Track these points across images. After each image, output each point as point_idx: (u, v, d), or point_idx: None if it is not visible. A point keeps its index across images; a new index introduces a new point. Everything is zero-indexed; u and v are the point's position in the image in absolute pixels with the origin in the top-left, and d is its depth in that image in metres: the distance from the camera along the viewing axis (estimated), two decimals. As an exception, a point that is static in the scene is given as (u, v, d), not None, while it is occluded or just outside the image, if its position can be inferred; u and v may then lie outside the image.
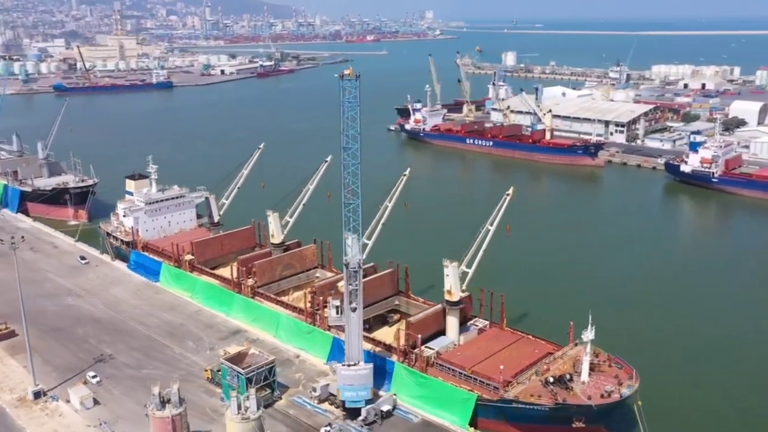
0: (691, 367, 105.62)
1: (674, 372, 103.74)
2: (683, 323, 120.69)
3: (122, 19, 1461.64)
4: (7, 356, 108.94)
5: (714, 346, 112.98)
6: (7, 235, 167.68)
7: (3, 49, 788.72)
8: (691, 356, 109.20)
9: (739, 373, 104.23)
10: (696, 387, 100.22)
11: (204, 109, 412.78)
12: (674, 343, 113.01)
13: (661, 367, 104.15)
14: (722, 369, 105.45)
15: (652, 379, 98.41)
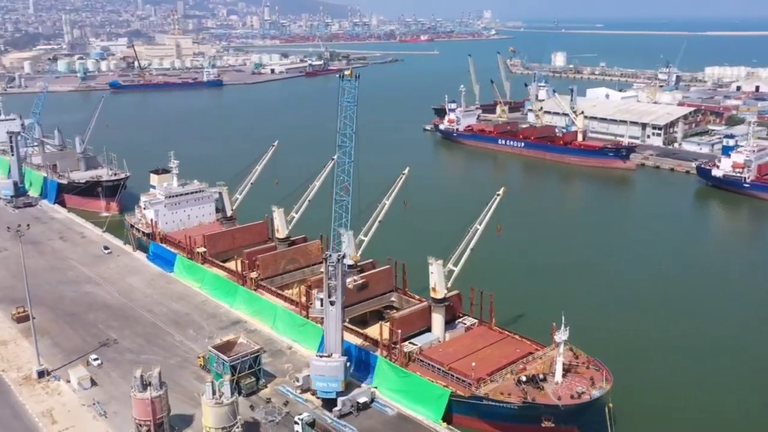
0: (679, 373, 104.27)
1: (658, 377, 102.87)
2: (683, 328, 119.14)
3: (185, 18, 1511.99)
4: (21, 337, 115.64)
5: (709, 351, 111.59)
6: (42, 224, 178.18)
7: (69, 47, 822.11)
8: (682, 361, 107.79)
9: (727, 378, 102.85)
10: (678, 392, 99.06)
11: (248, 107, 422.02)
12: (667, 348, 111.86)
13: (647, 371, 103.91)
14: (712, 374, 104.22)
15: (635, 383, 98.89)
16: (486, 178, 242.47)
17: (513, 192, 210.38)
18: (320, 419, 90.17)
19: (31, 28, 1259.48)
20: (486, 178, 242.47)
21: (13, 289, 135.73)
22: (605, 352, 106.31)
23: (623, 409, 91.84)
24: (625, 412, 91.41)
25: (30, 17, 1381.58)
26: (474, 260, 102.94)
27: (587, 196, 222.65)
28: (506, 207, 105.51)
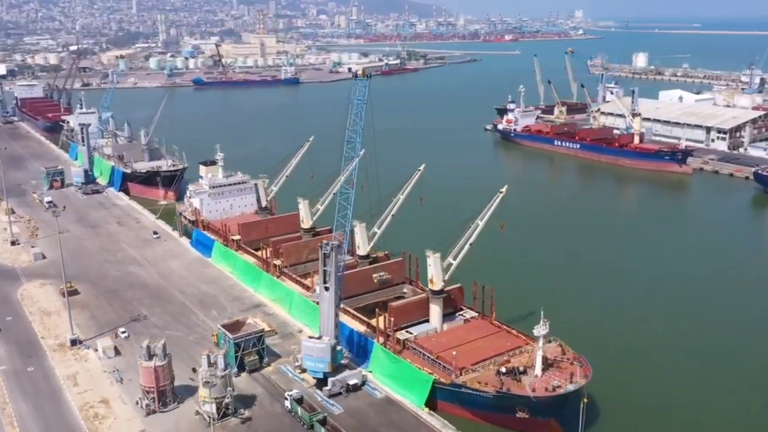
0: (669, 375, 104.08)
1: (648, 377, 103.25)
2: (686, 330, 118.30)
3: (276, 18, 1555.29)
4: (64, 310, 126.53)
5: (706, 354, 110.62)
6: (104, 209, 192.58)
7: (163, 45, 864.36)
8: (675, 364, 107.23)
9: (720, 381, 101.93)
10: (663, 393, 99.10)
11: (319, 104, 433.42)
12: (663, 350, 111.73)
13: (637, 370, 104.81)
14: (703, 377, 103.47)
15: (623, 381, 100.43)
16: (535, 178, 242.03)
17: (557, 193, 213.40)
18: (310, 397, 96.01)
19: (133, 27, 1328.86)
20: (535, 178, 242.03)
21: (67, 266, 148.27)
22: (602, 351, 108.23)
23: (603, 405, 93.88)
24: (604, 407, 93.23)
25: (132, 17, 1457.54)
26: (499, 256, 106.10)
27: (634, 199, 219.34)
28: (546, 207, 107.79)
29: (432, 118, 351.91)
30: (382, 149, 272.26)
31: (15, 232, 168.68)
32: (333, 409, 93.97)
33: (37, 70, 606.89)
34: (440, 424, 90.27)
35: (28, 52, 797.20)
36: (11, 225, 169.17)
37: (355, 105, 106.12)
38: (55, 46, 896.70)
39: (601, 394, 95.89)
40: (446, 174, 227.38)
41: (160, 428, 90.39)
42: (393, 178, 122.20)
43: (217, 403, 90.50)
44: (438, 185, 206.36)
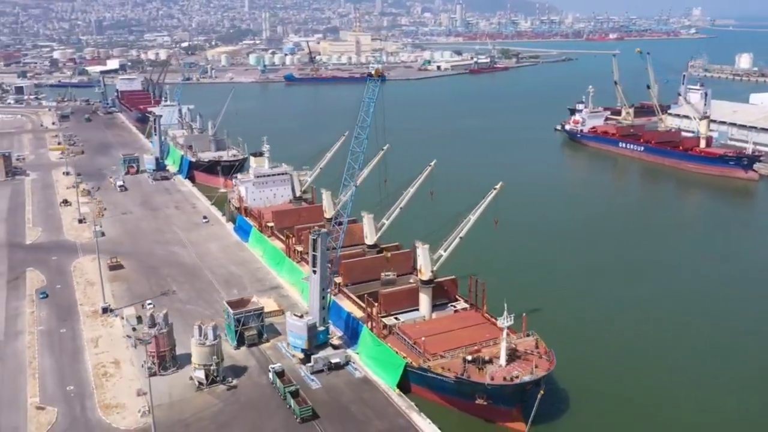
0: (652, 376, 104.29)
1: (628, 378, 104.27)
2: (689, 336, 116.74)
3: (380, 16, 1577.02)
4: (107, 282, 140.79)
5: (697, 362, 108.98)
6: (168, 194, 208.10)
7: (266, 43, 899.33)
8: (665, 366, 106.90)
9: (694, 392, 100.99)
10: (634, 392, 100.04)
11: (400, 101, 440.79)
12: (652, 354, 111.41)
13: (615, 370, 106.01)
14: (686, 384, 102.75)
15: (595, 379, 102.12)
16: (590, 180, 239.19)
17: (609, 195, 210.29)
18: (294, 372, 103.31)
19: (244, 25, 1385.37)
20: (590, 180, 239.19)
21: (120, 243, 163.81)
22: (588, 349, 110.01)
23: (572, 399, 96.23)
24: (572, 401, 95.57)
25: (244, 15, 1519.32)
26: (522, 254, 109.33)
27: (690, 205, 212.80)
28: (590, 208, 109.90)
29: (506, 117, 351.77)
30: (449, 147, 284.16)
31: (85, 211, 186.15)
32: (312, 384, 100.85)
33: (147, 65, 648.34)
34: (406, 405, 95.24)
35: (145, 48, 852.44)
36: (80, 205, 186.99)
37: (365, 103, 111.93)
38: (169, 42, 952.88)
39: (575, 389, 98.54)
40: (495, 173, 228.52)
41: (157, 389, 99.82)
42: (451, 174, 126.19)
43: (206, 369, 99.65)
44: (479, 183, 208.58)
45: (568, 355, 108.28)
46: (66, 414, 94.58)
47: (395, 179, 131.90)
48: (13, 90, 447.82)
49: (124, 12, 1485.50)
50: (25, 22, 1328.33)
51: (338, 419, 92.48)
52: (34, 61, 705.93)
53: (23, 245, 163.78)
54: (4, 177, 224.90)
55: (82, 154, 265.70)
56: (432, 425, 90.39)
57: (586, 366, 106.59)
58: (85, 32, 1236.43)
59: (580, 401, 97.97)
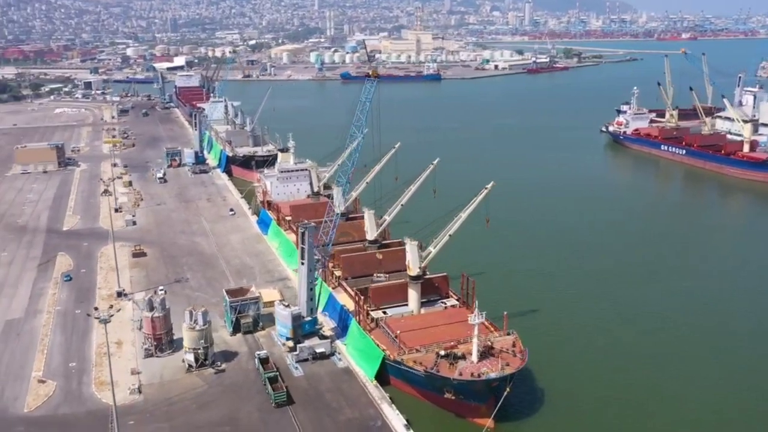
0: (628, 382, 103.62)
1: (607, 380, 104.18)
2: (674, 345, 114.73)
3: (448, 15, 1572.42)
4: (128, 268, 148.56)
5: (680, 378, 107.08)
6: (203, 187, 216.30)
7: (330, 41, 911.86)
8: (642, 374, 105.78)
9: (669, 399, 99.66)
10: (607, 397, 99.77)
11: (448, 100, 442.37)
12: (638, 361, 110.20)
13: (599, 372, 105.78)
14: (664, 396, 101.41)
15: (571, 379, 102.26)
16: (625, 183, 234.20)
17: (639, 199, 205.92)
18: (281, 360, 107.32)
19: (313, 23, 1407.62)
20: (625, 183, 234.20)
21: (149, 232, 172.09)
22: (574, 352, 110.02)
23: (539, 397, 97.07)
24: (538, 399, 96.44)
25: (314, 13, 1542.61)
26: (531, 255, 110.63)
27: (723, 211, 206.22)
28: (614, 212, 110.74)
29: (553, 117, 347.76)
30: (489, 146, 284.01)
31: (123, 201, 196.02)
32: (295, 372, 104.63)
33: (212, 62, 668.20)
34: (379, 396, 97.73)
35: (214, 45, 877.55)
36: (116, 195, 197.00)
37: (361, 102, 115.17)
38: (238, 40, 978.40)
39: (553, 389, 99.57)
40: (524, 173, 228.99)
41: (150, 368, 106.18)
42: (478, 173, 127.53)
43: (195, 353, 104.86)
44: (505, 181, 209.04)
45: (552, 356, 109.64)
46: (63, 388, 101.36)
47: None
48: (83, 85, 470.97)
49: (199, 10, 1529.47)
50: (105, 21, 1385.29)
51: (312, 406, 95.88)
52: (108, 57, 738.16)
53: (60, 231, 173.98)
54: (57, 167, 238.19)
55: (133, 146, 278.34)
56: (400, 417, 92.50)
57: (569, 368, 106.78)
58: (161, 30, 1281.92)
59: (554, 401, 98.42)
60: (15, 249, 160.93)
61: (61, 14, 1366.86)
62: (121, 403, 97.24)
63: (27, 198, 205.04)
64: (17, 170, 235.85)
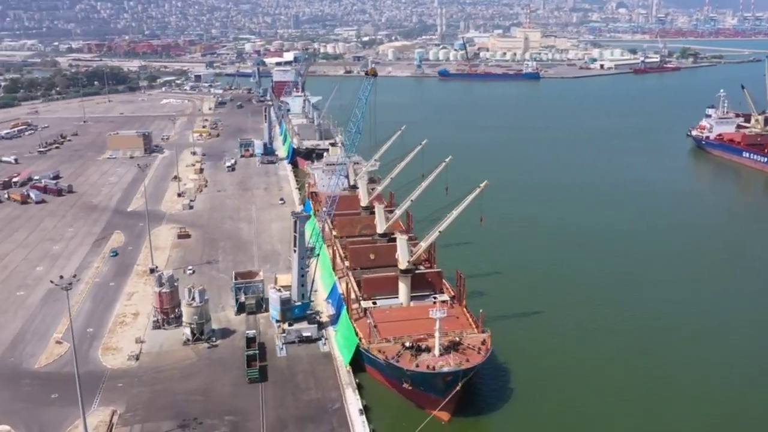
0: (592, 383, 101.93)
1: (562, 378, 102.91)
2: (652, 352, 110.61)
3: (570, 12, 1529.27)
4: (171, 248, 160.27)
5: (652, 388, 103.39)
6: (265, 177, 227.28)
7: (440, 38, 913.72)
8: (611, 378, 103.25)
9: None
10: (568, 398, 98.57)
11: (544, 100, 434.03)
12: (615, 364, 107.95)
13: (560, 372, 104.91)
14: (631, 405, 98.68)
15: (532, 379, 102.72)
16: (690, 191, 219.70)
17: (701, 209, 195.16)
18: (271, 340, 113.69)
19: (431, 20, 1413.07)
20: (690, 191, 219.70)
21: (200, 216, 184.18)
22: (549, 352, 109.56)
23: (499, 394, 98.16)
24: (496, 395, 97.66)
25: (433, 10, 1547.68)
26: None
27: None
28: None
29: (644, 119, 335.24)
30: (567, 148, 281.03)
31: (188, 187, 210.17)
32: (280, 353, 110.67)
33: (320, 58, 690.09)
34: (348, 381, 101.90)
35: (329, 41, 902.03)
36: (184, 181, 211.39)
37: (359, 99, 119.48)
38: (353, 36, 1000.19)
39: (520, 389, 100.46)
40: (585, 177, 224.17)
41: (154, 339, 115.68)
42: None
43: (191, 328, 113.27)
44: (562, 186, 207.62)
45: (532, 358, 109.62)
46: (72, 350, 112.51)
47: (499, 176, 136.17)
48: (193, 78, 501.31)
49: (322, 7, 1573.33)
50: (234, 17, 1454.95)
51: (282, 384, 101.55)
52: (226, 52, 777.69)
53: (124, 212, 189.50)
54: (143, 153, 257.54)
55: (218, 137, 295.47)
56: (358, 402, 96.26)
57: (545, 371, 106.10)
58: (284, 26, 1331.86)
59: (518, 401, 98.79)
60: (81, 226, 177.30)
61: (194, 11, 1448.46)
62: (117, 367, 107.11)
63: (108, 180, 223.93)
64: (108, 155, 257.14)
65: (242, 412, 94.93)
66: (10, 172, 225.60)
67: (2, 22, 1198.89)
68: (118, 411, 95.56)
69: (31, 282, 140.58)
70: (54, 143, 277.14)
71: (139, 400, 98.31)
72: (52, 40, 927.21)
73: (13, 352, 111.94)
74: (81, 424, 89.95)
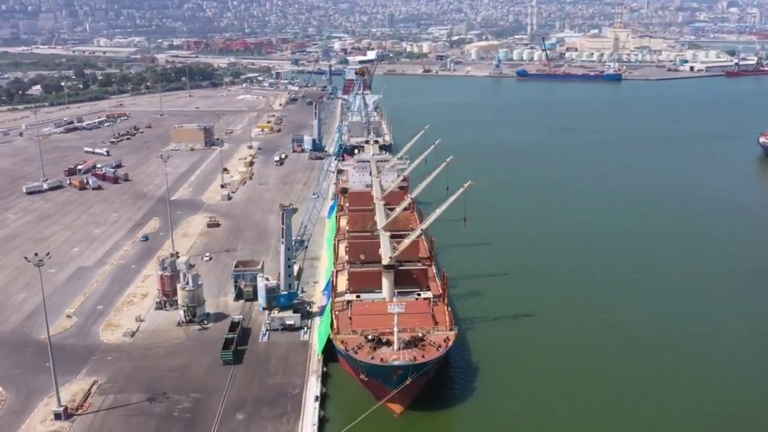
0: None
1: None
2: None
3: (676, 11, 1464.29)
4: (198, 236, 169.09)
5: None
6: (308, 171, 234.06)
7: (530, 38, 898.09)
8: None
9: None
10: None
11: (620, 103, 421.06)
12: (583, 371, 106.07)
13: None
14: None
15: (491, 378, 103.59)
16: (736, 204, 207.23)
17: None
18: (258, 326, 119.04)
19: (527, 19, 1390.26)
20: (736, 204, 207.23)
21: (236, 207, 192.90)
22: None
23: (458, 392, 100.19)
24: (454, 393, 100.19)
25: (532, 9, 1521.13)
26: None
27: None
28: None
29: (715, 125, 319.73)
30: (620, 152, 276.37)
31: (234, 179, 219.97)
32: (262, 339, 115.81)
33: (404, 57, 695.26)
34: (315, 369, 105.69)
35: (420, 40, 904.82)
36: (226, 173, 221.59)
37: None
38: (444, 36, 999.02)
39: (481, 387, 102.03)
40: (627, 184, 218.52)
41: (153, 319, 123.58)
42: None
43: (184, 310, 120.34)
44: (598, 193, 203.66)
45: (503, 357, 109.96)
46: (80, 325, 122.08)
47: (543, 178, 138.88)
48: (275, 75, 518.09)
49: (418, 6, 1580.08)
50: (332, 16, 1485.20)
51: (253, 368, 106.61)
52: (315, 50, 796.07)
53: (168, 200, 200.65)
54: (203, 146, 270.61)
55: (279, 132, 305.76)
56: (318, 389, 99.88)
57: (514, 372, 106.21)
58: (380, 25, 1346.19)
59: (478, 399, 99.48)
60: (125, 212, 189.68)
61: (294, 10, 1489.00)
62: (112, 342, 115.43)
63: (163, 171, 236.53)
64: (171, 147, 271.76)
65: (208, 390, 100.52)
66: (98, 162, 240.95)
67: (116, 20, 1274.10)
68: (99, 381, 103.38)
69: (64, 261, 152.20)
70: (126, 134, 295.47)
71: (122, 373, 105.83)
72: (159, 38, 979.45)
73: (27, 323, 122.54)
74: (66, 391, 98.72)
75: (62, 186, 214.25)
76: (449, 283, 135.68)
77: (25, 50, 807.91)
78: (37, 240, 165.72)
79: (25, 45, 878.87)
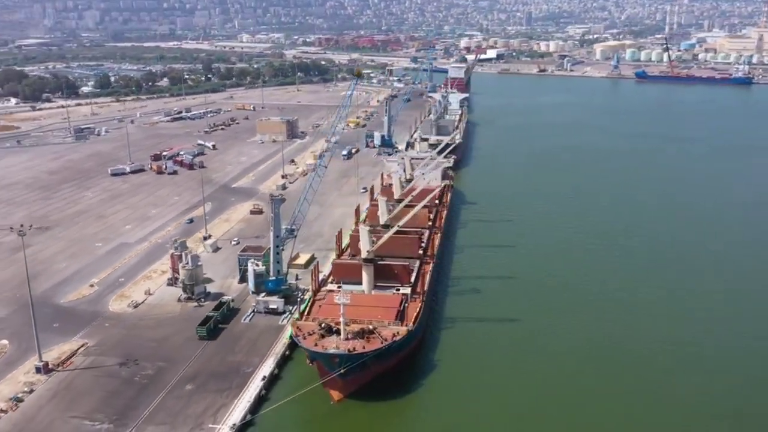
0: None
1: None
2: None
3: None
4: (239, 221, 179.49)
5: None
6: (370, 167, 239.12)
7: (667, 38, 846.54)
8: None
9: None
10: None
11: (740, 109, 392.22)
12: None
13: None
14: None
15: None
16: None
17: None
18: (248, 307, 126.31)
19: (675, 17, 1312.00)
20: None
21: (286, 196, 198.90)
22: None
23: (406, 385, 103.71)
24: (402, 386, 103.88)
25: (682, 7, 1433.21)
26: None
27: None
28: None
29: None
30: (705, 162, 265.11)
31: (297, 170, 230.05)
32: (245, 319, 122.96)
33: (525, 56, 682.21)
34: (277, 351, 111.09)
35: (552, 39, 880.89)
36: (292, 164, 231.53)
37: (345, 97, 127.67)
38: (579, 34, 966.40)
39: (433, 381, 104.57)
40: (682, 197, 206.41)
41: (160, 294, 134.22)
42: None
43: (182, 288, 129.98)
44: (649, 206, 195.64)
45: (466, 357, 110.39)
46: (98, 293, 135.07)
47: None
48: (386, 72, 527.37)
49: (560, 4, 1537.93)
50: (470, 14, 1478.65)
51: (223, 345, 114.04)
52: (439, 48, 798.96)
53: (229, 187, 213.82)
54: (285, 138, 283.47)
55: (363, 127, 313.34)
56: (269, 369, 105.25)
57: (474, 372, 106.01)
58: (518, 23, 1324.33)
59: (434, 394, 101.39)
60: (186, 196, 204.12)
61: (432, 8, 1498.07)
62: (116, 311, 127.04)
63: (239, 160, 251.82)
64: (257, 138, 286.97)
65: (174, 361, 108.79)
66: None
67: (263, 17, 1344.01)
68: (89, 344, 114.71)
69: (112, 236, 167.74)
70: (221, 125, 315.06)
71: (111, 339, 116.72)
72: (297, 34, 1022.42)
73: (55, 288, 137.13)
74: (58, 349, 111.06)
75: (143, 170, 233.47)
76: (452, 282, 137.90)
77: (174, 45, 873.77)
78: (99, 216, 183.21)
79: (177, 40, 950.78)
